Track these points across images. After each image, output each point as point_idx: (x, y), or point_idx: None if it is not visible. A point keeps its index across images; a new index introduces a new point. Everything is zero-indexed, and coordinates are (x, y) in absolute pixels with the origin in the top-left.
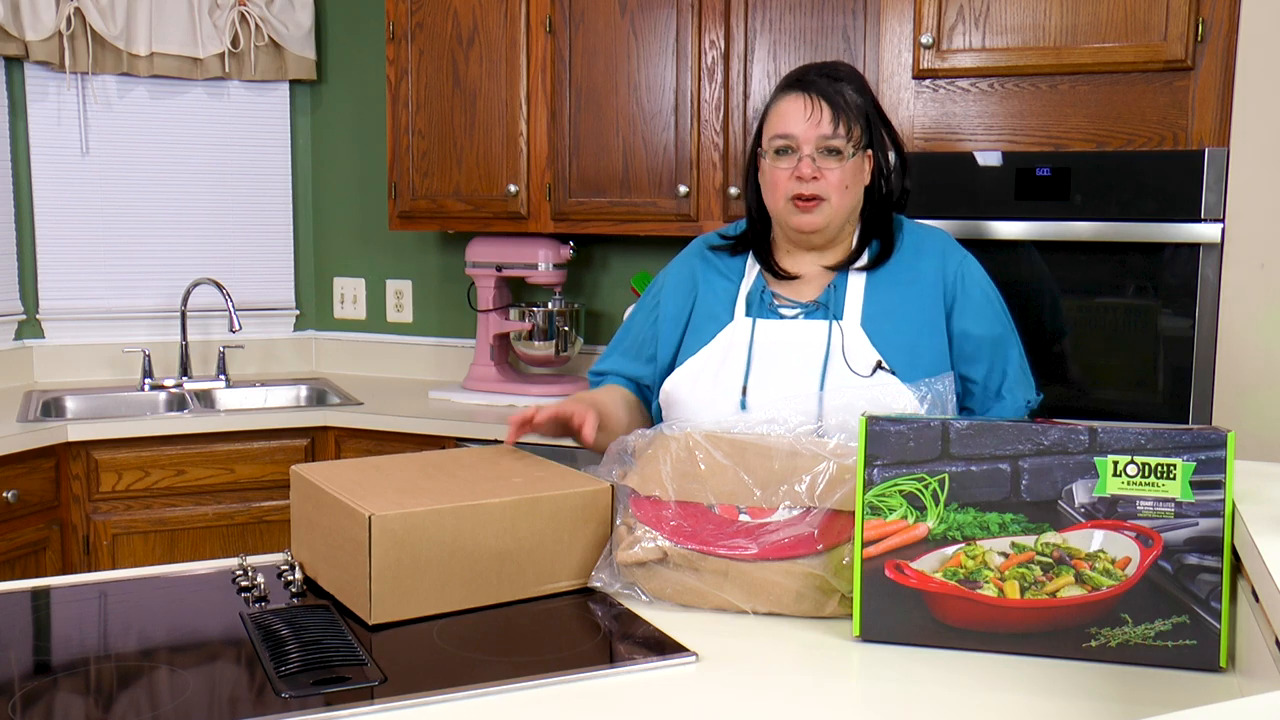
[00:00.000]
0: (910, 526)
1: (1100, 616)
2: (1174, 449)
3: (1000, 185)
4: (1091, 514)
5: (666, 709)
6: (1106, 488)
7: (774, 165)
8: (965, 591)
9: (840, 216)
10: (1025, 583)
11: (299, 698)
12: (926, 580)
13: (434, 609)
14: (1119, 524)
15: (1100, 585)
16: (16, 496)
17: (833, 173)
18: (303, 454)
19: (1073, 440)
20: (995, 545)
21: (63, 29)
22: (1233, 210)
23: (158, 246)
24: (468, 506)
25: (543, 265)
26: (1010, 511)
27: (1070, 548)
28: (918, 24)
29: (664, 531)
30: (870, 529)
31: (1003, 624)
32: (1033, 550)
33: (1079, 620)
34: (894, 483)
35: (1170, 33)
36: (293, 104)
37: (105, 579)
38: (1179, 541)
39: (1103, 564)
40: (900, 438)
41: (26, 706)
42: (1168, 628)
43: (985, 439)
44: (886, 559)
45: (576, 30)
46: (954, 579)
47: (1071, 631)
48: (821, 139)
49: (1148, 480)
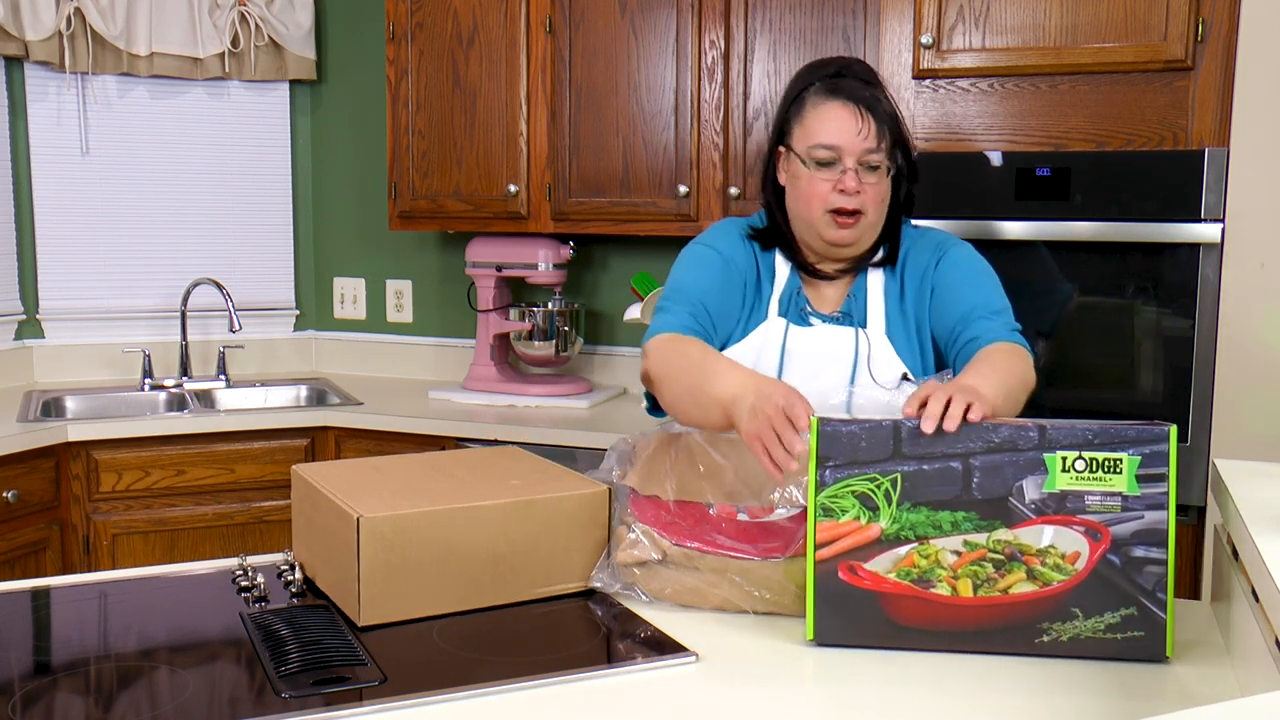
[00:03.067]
0: (863, 527)
1: (1052, 611)
2: (1120, 444)
3: (1000, 185)
4: (1041, 510)
5: (666, 709)
6: (1056, 483)
7: (815, 175)
8: (919, 591)
9: (874, 231)
10: (978, 580)
11: (299, 698)
12: (880, 581)
13: (426, 611)
14: (1068, 519)
15: (1051, 581)
16: (16, 496)
17: (873, 188)
18: (303, 454)
19: (1022, 437)
20: (947, 544)
21: (63, 29)
22: (1233, 210)
23: (158, 246)
24: (459, 509)
25: (543, 265)
26: (962, 509)
27: (1021, 544)
28: (918, 24)
29: (663, 531)
30: (823, 531)
31: (956, 623)
32: (985, 548)
33: (1031, 616)
34: (846, 483)
35: (1170, 33)
36: (293, 104)
37: (105, 579)
38: (1126, 535)
39: (1053, 559)
40: (852, 438)
41: (26, 706)
42: (1116, 620)
43: (936, 438)
44: (840, 561)
45: (576, 30)
46: (907, 579)
47: (1024, 628)
48: (865, 152)
49: (1095, 475)
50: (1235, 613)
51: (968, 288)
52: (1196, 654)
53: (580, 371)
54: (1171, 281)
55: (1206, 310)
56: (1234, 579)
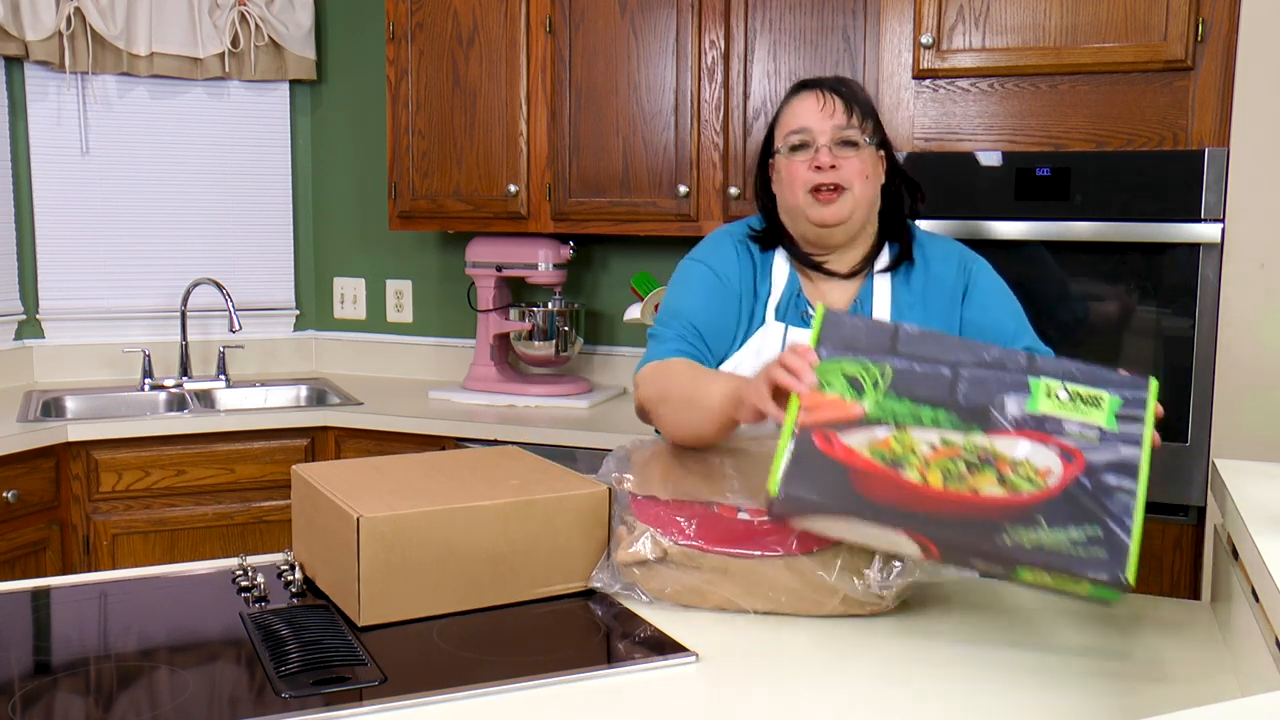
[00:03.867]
0: (847, 404)
1: (1016, 518)
2: (1104, 383)
3: (1000, 185)
4: (1020, 425)
5: (666, 709)
6: (1038, 406)
7: (790, 159)
8: (889, 472)
9: (863, 208)
10: (949, 474)
11: (299, 698)
12: (853, 455)
13: (426, 611)
14: (1045, 438)
15: (1021, 489)
16: (16, 496)
17: (850, 162)
18: (303, 454)
19: (1012, 360)
20: (925, 436)
21: (63, 29)
22: (1233, 210)
23: (158, 246)
24: (459, 509)
25: (543, 265)
26: (944, 409)
27: (996, 451)
28: (918, 24)
29: (664, 530)
30: (808, 399)
31: (920, 506)
32: (960, 447)
33: (996, 517)
34: (838, 363)
35: (1170, 33)
36: (293, 104)
37: (105, 579)
38: (1099, 462)
39: (1025, 471)
40: (854, 328)
41: (26, 706)
42: (1080, 536)
43: (932, 345)
44: (817, 429)
45: (576, 30)
46: (880, 459)
47: (985, 525)
48: (837, 129)
49: (1076, 406)
50: (1235, 613)
51: (1007, 320)
52: (1196, 654)
53: (580, 371)
54: (1171, 281)
55: (1206, 310)
56: (1234, 579)
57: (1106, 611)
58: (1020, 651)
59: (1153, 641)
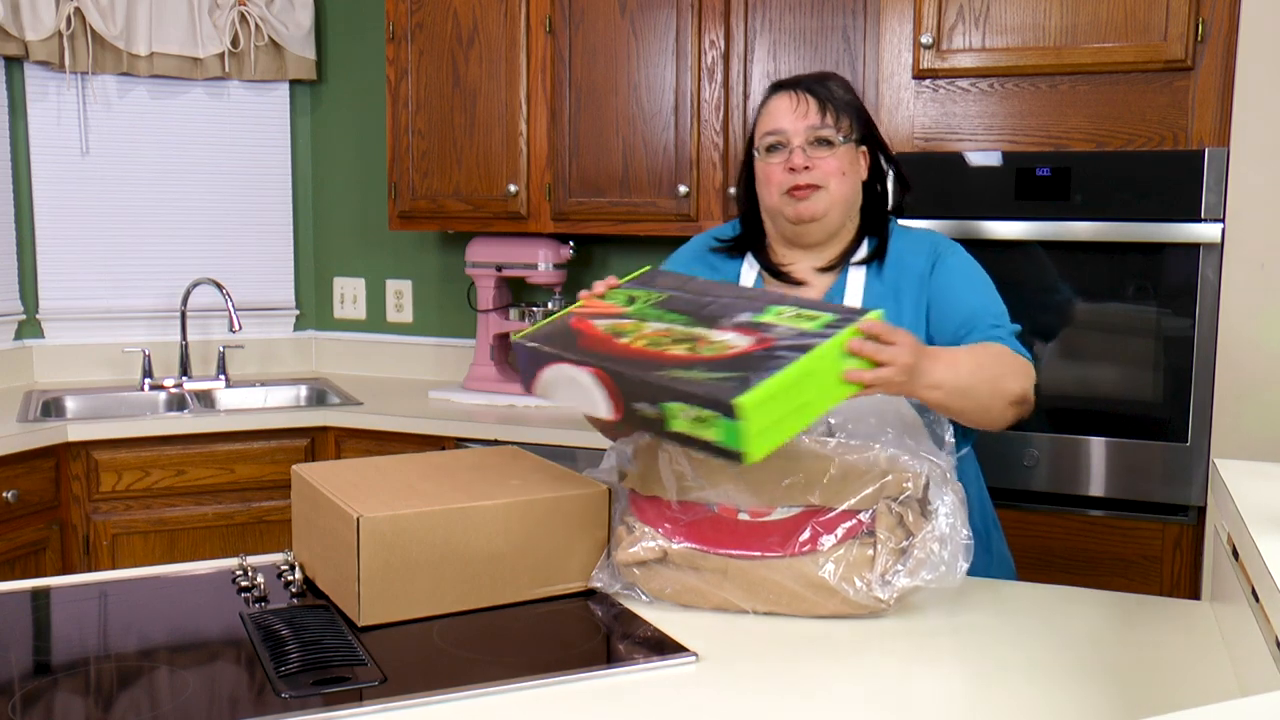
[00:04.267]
0: (614, 308)
1: (681, 364)
2: (832, 310)
3: (1000, 185)
4: (737, 326)
5: (666, 709)
6: (762, 318)
7: (766, 161)
8: (607, 336)
9: (840, 205)
10: (652, 343)
11: (299, 698)
12: (588, 325)
13: (425, 611)
14: (750, 332)
15: (701, 354)
16: (16, 496)
17: (826, 160)
18: (303, 454)
19: (767, 295)
20: (655, 326)
21: (63, 29)
22: (1233, 210)
23: (158, 246)
24: (459, 509)
25: (543, 265)
26: (685, 315)
27: (702, 334)
28: (918, 24)
29: (664, 530)
30: (590, 303)
31: (612, 353)
32: (675, 331)
33: (667, 363)
34: (628, 291)
35: (1170, 33)
36: (293, 104)
37: (105, 579)
38: (781, 344)
39: (716, 347)
40: (661, 275)
41: (26, 706)
42: (724, 376)
43: (714, 288)
44: (577, 316)
45: (576, 30)
46: (607, 330)
47: (654, 363)
48: (811, 130)
49: (793, 319)
50: (1235, 613)
51: (968, 294)
52: (1197, 654)
53: None
54: (1171, 281)
55: (1206, 310)
56: (1234, 579)
57: (1106, 611)
58: (1020, 651)
59: (1153, 641)
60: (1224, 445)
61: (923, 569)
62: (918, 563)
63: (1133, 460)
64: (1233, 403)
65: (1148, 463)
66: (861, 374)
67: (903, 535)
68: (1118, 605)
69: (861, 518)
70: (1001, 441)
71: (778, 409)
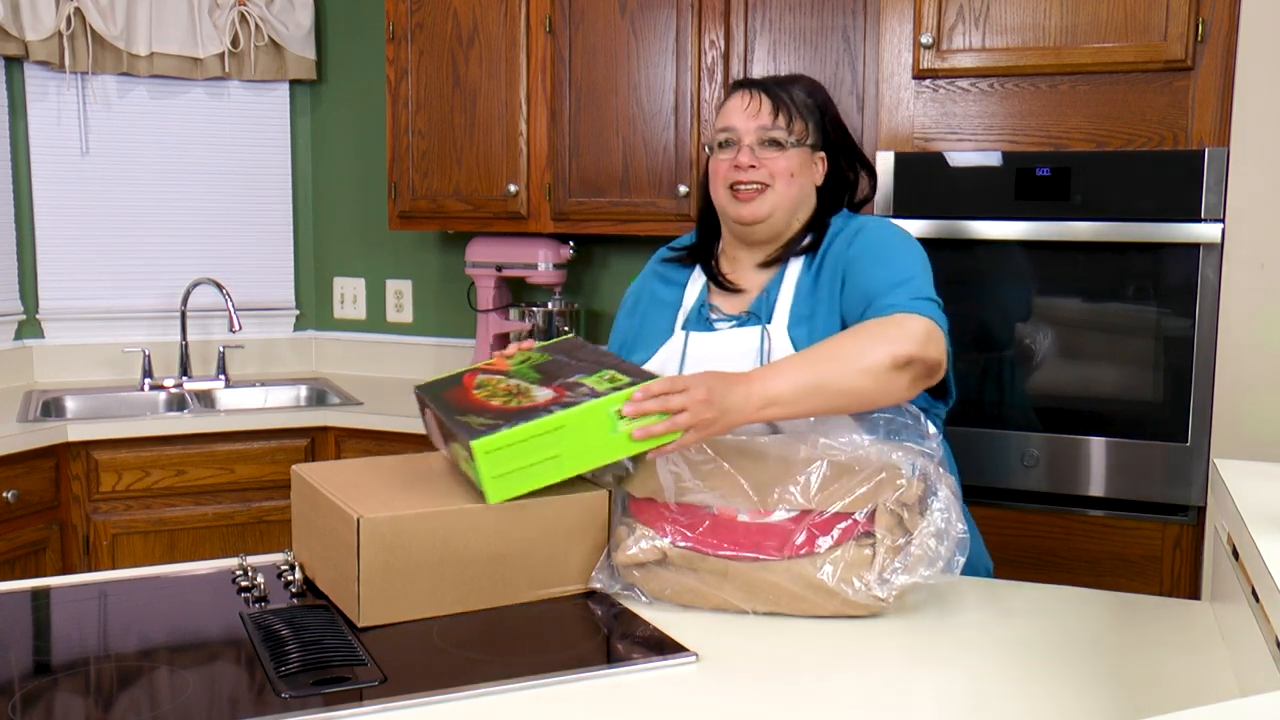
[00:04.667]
0: (506, 367)
1: (477, 412)
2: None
3: (1000, 185)
4: (558, 384)
5: (666, 709)
6: (586, 379)
7: (715, 157)
8: (471, 387)
9: (786, 206)
10: (488, 394)
11: (299, 698)
12: (470, 380)
13: (425, 612)
14: (560, 390)
15: (507, 404)
16: (16, 496)
17: (774, 161)
18: (303, 454)
19: (610, 361)
20: (511, 383)
21: (63, 29)
22: (1233, 210)
23: (158, 246)
24: (459, 510)
25: (543, 265)
26: (539, 375)
27: (528, 389)
28: (918, 24)
29: (663, 532)
30: (495, 363)
31: (448, 401)
32: (518, 386)
33: (468, 411)
34: (531, 353)
35: (1170, 33)
36: (293, 104)
37: (105, 579)
38: (564, 399)
39: (525, 400)
40: (569, 343)
41: (26, 706)
42: (484, 423)
43: (590, 353)
44: (471, 372)
45: (576, 30)
46: (478, 383)
47: (463, 409)
48: (761, 130)
49: (597, 380)
50: (1235, 613)
51: (876, 265)
52: (1197, 654)
53: None
54: (1171, 281)
55: (1206, 310)
56: (1234, 579)
57: (1106, 611)
58: (1020, 651)
59: (1153, 641)
60: (1224, 445)
61: (921, 565)
62: (916, 559)
63: (1132, 460)
64: (1233, 403)
65: (1148, 463)
66: (651, 428)
67: (901, 534)
68: (1118, 605)
69: (857, 518)
70: (1001, 441)
71: (519, 458)
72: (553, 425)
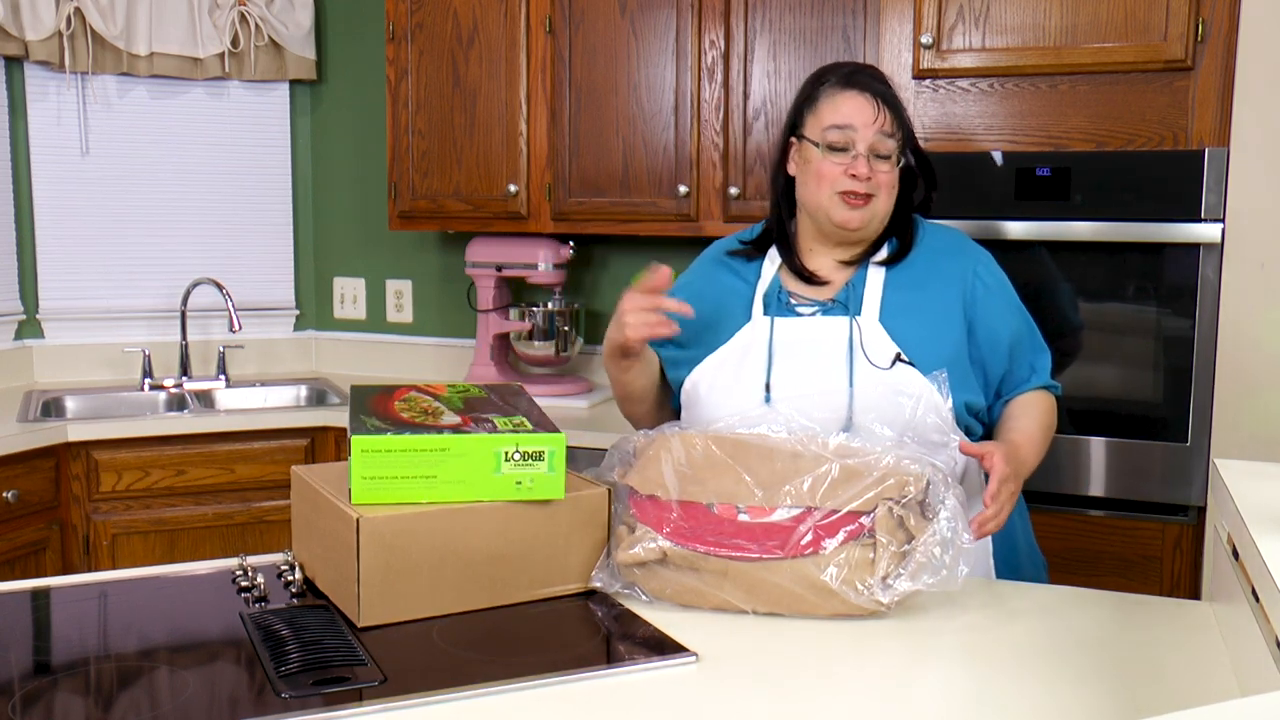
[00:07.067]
0: (440, 391)
1: (380, 418)
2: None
3: (1000, 185)
4: (469, 415)
5: (666, 709)
6: (496, 417)
7: (826, 158)
8: (393, 406)
9: (882, 217)
10: (403, 407)
11: (299, 698)
12: (401, 394)
13: (425, 612)
14: (466, 418)
15: (414, 420)
16: (16, 496)
17: (884, 174)
18: (303, 454)
19: (526, 409)
20: (430, 404)
21: (63, 29)
22: (1233, 210)
23: (158, 246)
24: (459, 509)
25: (543, 265)
26: (461, 404)
27: (442, 413)
28: (918, 24)
29: (664, 532)
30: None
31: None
32: (435, 408)
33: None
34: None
35: (1170, 33)
36: (293, 104)
37: (105, 579)
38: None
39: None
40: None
41: (26, 706)
42: (377, 425)
43: (517, 404)
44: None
45: (576, 30)
46: (400, 399)
47: (370, 413)
48: (879, 139)
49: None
50: (1235, 613)
51: (1010, 318)
52: (1197, 654)
53: (580, 371)
54: (1171, 281)
55: (1206, 310)
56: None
57: (1106, 611)
58: (1020, 652)
59: (1153, 641)
60: (1224, 445)
61: (924, 572)
62: (919, 566)
63: (1133, 460)
64: (1233, 403)
65: (1148, 462)
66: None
67: (903, 538)
68: (1118, 605)
69: (863, 520)
70: None
71: (394, 467)
72: (436, 445)
